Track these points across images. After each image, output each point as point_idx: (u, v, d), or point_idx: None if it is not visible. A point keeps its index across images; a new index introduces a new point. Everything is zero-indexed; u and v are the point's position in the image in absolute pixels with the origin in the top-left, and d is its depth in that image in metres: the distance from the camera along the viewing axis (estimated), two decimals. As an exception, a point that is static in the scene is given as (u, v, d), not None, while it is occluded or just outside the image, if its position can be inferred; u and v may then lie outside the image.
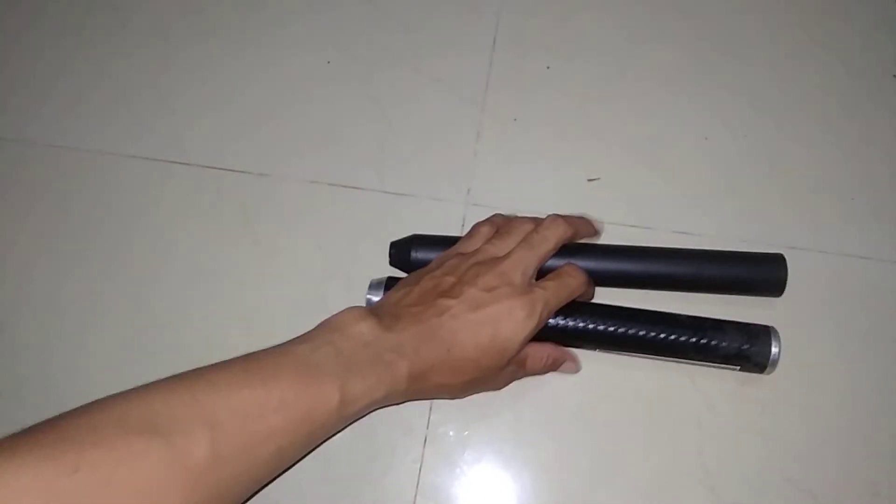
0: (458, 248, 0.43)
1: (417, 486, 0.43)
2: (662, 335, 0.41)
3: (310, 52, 0.52)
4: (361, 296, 0.44)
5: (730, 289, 0.44)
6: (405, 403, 0.43)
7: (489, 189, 0.48)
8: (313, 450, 0.35)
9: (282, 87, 0.52)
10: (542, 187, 0.48)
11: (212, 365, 0.33)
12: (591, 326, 0.41)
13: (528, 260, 0.40)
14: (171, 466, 0.28)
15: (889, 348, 0.44)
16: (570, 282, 0.41)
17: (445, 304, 0.38)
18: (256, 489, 0.33)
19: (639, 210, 0.47)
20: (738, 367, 0.42)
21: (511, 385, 0.44)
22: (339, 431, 0.36)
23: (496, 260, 0.40)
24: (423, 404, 0.44)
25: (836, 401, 0.44)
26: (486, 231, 0.43)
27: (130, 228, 0.49)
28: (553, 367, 0.43)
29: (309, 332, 0.37)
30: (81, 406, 0.30)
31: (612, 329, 0.41)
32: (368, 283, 0.44)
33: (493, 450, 0.44)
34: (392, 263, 0.45)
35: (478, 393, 0.42)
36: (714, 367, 0.42)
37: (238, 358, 0.34)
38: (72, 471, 0.26)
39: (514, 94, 0.51)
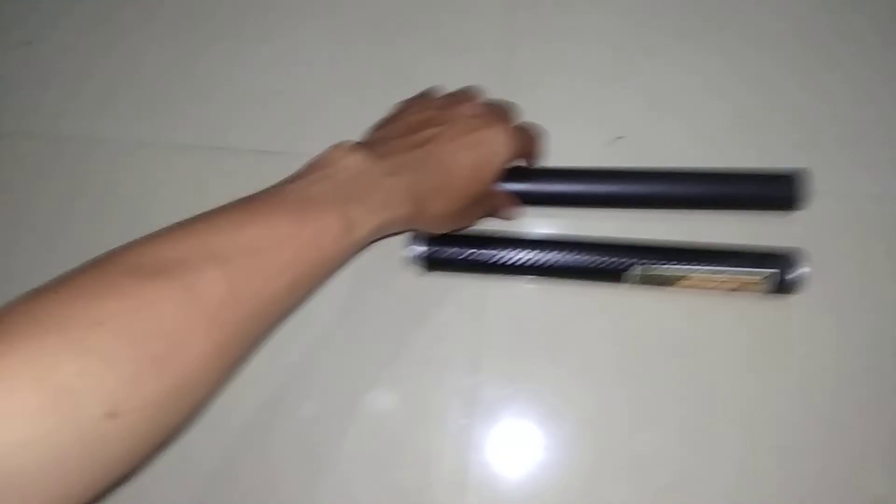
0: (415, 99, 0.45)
1: (468, 444, 0.46)
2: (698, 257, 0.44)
3: (338, 34, 0.53)
4: (399, 264, 0.47)
5: (747, 205, 0.46)
6: (450, 367, 0.46)
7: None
8: (325, 281, 0.36)
9: (311, 68, 0.53)
10: (569, 148, 0.49)
11: (210, 210, 0.33)
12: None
13: (494, 107, 0.43)
14: (189, 307, 0.29)
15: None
16: (532, 128, 0.45)
17: (432, 133, 0.39)
18: (276, 325, 0.34)
19: (664, 164, 0.48)
20: (774, 270, 0.43)
21: (549, 340, 0.46)
22: (349, 260, 0.36)
23: (467, 98, 0.43)
24: (469, 367, 0.47)
25: (868, 335, 0.45)
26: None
27: (175, 217, 0.51)
28: (507, 208, 0.46)
29: (299, 171, 0.37)
30: (92, 260, 0.30)
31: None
32: (409, 235, 0.46)
33: (537, 403, 0.46)
34: None
35: (457, 229, 0.44)
36: (744, 274, 0.44)
37: (235, 202, 0.34)
38: (95, 324, 0.27)
39: (535, 60, 0.51)
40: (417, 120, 0.41)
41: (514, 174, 0.45)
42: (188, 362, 0.29)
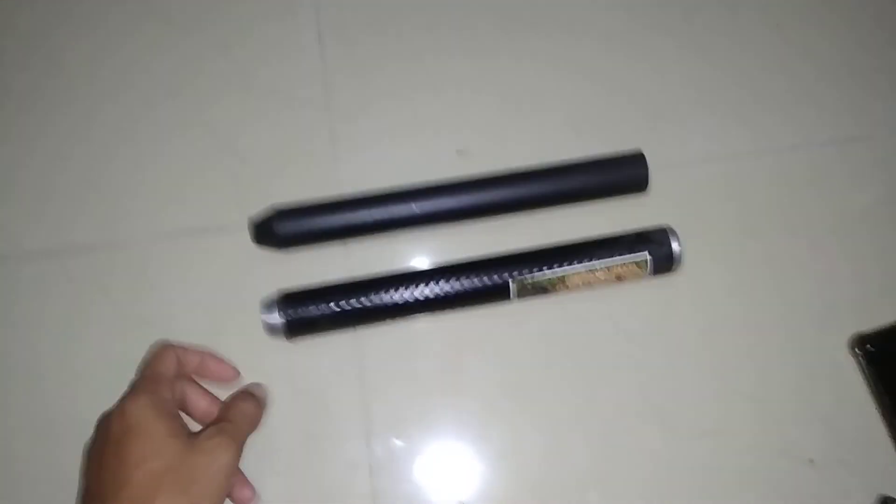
0: None
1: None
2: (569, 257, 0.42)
3: (130, 96, 0.47)
4: (258, 338, 0.42)
5: (597, 194, 0.45)
6: (343, 437, 0.41)
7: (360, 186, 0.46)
8: None
9: (111, 143, 0.47)
10: (412, 165, 0.46)
11: None
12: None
13: None
14: None
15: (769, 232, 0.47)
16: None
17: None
18: None
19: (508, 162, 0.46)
20: (647, 252, 0.42)
21: (441, 378, 0.43)
22: None
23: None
24: (362, 431, 0.42)
25: (749, 292, 0.46)
26: None
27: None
28: (260, 408, 0.41)
29: None
30: None
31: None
32: (261, 303, 0.42)
33: (443, 450, 0.43)
34: (257, 242, 0.43)
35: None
36: (619, 263, 0.42)
37: None
38: None
39: (353, 84, 0.48)
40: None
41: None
42: None
